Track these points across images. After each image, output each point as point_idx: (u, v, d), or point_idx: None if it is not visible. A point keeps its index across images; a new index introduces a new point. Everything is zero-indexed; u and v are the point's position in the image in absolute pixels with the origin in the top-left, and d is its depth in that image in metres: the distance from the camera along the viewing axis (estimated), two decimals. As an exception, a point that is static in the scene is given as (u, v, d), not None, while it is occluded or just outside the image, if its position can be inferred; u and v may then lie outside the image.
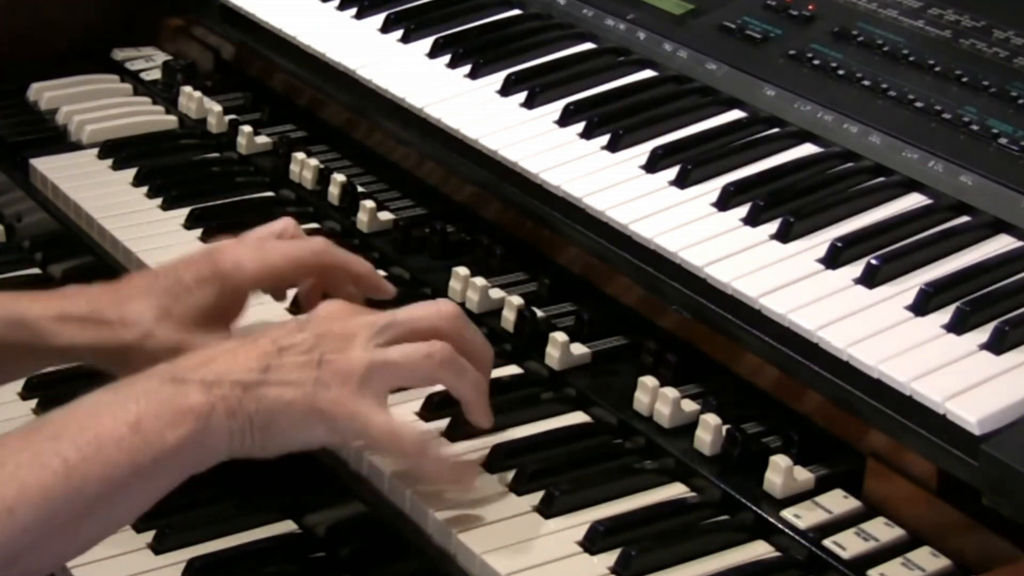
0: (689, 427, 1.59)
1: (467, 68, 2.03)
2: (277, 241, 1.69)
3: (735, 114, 1.87)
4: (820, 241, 1.62)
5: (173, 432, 1.37)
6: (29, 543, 1.31)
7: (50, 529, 1.33)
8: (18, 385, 1.92)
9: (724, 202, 1.70)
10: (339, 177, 2.06)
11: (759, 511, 1.50)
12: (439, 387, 1.68)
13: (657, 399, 1.62)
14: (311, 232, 2.01)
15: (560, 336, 1.71)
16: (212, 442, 1.40)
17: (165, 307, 1.61)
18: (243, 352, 1.44)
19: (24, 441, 1.36)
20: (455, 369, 1.49)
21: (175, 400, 1.38)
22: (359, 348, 1.45)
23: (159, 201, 2.09)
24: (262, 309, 1.78)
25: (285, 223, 1.73)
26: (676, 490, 1.56)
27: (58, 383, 1.90)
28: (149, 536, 1.66)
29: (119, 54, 2.51)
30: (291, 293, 1.80)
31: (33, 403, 1.90)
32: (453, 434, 1.62)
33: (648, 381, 1.63)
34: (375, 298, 1.71)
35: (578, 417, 1.67)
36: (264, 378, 1.41)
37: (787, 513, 1.49)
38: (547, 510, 1.51)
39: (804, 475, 1.53)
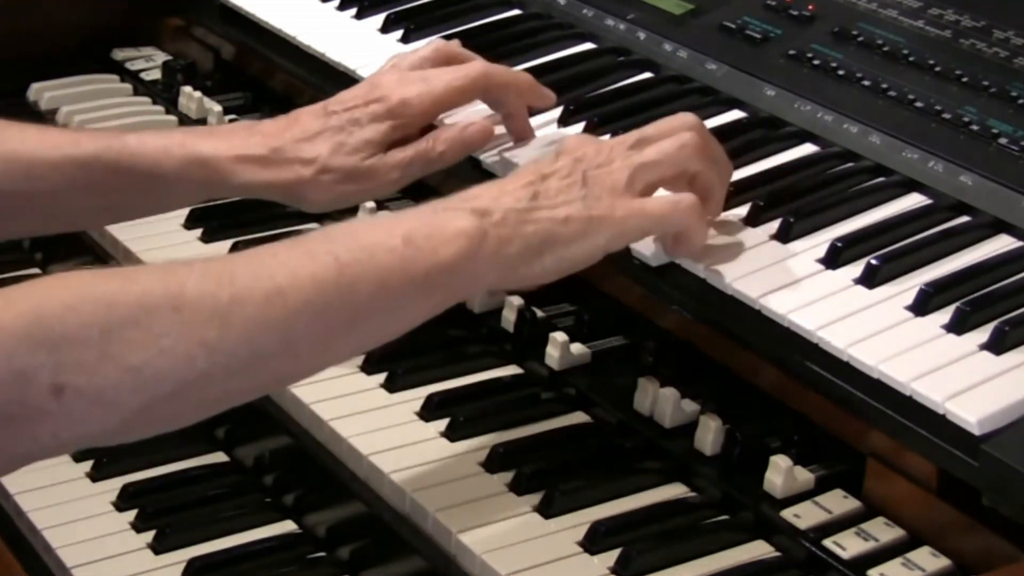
0: (689, 427, 1.59)
1: (467, 68, 2.03)
2: (439, 71, 1.76)
3: (735, 114, 1.87)
4: (820, 241, 1.62)
5: (445, 249, 1.38)
6: (303, 331, 1.32)
7: (320, 322, 1.33)
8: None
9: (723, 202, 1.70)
10: (339, 177, 2.06)
11: (759, 511, 1.50)
12: (438, 387, 1.69)
13: (657, 399, 1.62)
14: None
15: (560, 336, 1.71)
16: (481, 265, 1.41)
17: (339, 142, 1.70)
18: (508, 184, 1.47)
19: (295, 242, 1.38)
20: (709, 157, 1.55)
21: (447, 223, 1.40)
22: (618, 160, 1.50)
23: (159, 201, 2.09)
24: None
25: (436, 46, 1.81)
26: (676, 490, 1.56)
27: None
28: (149, 536, 1.66)
29: (119, 54, 2.51)
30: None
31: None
32: (453, 434, 1.62)
33: (648, 381, 1.63)
34: (538, 107, 1.82)
35: (578, 417, 1.67)
36: (535, 204, 1.45)
37: (787, 513, 1.49)
38: (547, 510, 1.51)
39: (804, 475, 1.52)
